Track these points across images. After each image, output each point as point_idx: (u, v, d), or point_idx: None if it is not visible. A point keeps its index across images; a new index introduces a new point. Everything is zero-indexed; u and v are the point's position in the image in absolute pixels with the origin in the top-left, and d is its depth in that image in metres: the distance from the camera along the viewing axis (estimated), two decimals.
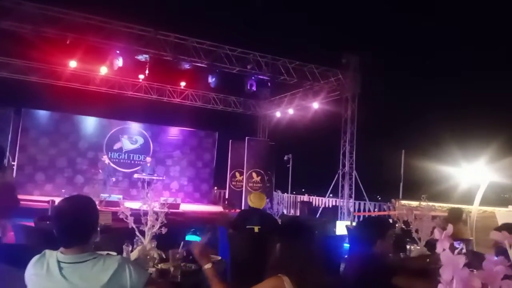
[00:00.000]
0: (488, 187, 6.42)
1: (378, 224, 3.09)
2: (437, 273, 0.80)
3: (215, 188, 17.24)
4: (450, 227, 0.84)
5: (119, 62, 10.82)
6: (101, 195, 11.56)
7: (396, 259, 3.41)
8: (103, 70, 12.34)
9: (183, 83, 14.72)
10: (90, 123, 15.25)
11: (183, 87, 15.16)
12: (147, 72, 12.25)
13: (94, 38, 10.46)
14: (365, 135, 13.96)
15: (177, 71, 12.01)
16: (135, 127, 15.89)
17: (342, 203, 12.86)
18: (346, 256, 4.24)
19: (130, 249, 2.82)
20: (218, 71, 11.92)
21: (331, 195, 13.64)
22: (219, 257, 3.29)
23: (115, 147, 15.27)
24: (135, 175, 13.88)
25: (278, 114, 16.08)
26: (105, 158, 13.65)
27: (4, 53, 12.70)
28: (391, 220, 5.90)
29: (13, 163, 13.56)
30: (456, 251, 0.78)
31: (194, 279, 2.40)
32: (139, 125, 15.97)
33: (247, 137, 14.96)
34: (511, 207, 6.53)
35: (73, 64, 12.02)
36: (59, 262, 1.85)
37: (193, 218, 10.43)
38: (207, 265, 2.21)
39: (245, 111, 17.14)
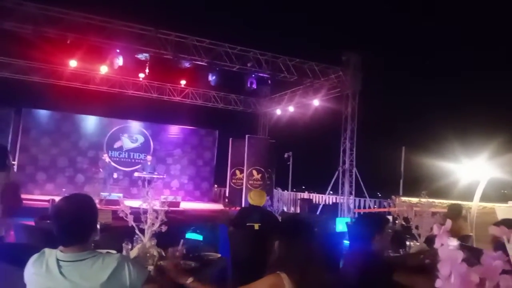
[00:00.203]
0: (488, 183, 6.42)
1: (375, 219, 3.10)
2: (436, 268, 0.79)
3: (216, 186, 17.25)
4: (448, 223, 0.84)
5: (119, 61, 10.83)
6: (101, 193, 11.57)
7: (396, 256, 3.41)
8: (104, 69, 12.34)
9: (183, 82, 14.72)
10: (90, 122, 15.26)
11: (183, 86, 15.17)
12: (147, 70, 12.26)
13: (94, 37, 10.47)
14: (366, 132, 13.96)
15: (177, 69, 12.01)
16: (136, 126, 15.90)
17: (342, 200, 12.87)
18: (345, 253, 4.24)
19: (130, 247, 2.82)
20: (218, 69, 11.91)
21: (331, 192, 13.64)
22: (219, 255, 3.30)
23: (116, 146, 15.28)
24: (136, 174, 13.88)
25: (278, 111, 16.07)
26: (106, 156, 13.66)
27: (5, 53, 12.73)
28: (391, 216, 5.90)
29: (13, 162, 13.56)
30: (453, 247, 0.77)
31: (194, 276, 2.40)
32: (139, 124, 15.98)
33: (247, 135, 14.97)
34: (511, 203, 6.53)
35: (73, 63, 12.04)
36: (58, 260, 1.85)
37: (194, 216, 10.44)
38: (189, 280, 2.22)
39: (245, 109, 17.13)
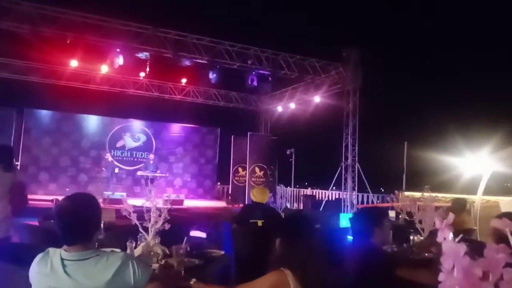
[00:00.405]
0: (491, 176, 6.40)
1: (373, 213, 3.11)
2: (438, 262, 0.79)
3: (218, 183, 17.27)
4: (451, 216, 0.84)
5: (120, 60, 10.83)
6: (105, 193, 11.60)
7: (398, 251, 3.42)
8: (104, 68, 12.34)
9: (184, 80, 14.73)
10: (92, 122, 15.28)
11: (184, 84, 15.18)
12: (148, 69, 12.26)
13: (93, 37, 10.46)
14: (367, 128, 13.94)
15: (177, 68, 12.01)
16: (138, 125, 15.91)
17: (345, 195, 12.87)
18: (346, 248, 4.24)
19: (133, 245, 2.83)
20: (218, 67, 11.90)
21: (334, 188, 13.65)
22: (222, 252, 3.30)
23: (118, 145, 15.31)
24: (139, 173, 13.91)
25: (279, 108, 16.06)
26: (108, 156, 13.69)
27: (3, 54, 12.72)
28: (394, 211, 5.90)
29: (16, 163, 13.60)
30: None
31: (197, 274, 2.41)
32: (141, 123, 15.99)
33: (249, 132, 14.96)
34: None
35: (73, 63, 12.04)
36: (62, 260, 1.85)
37: (197, 213, 10.46)
38: (192, 281, 2.23)
39: (246, 107, 17.13)
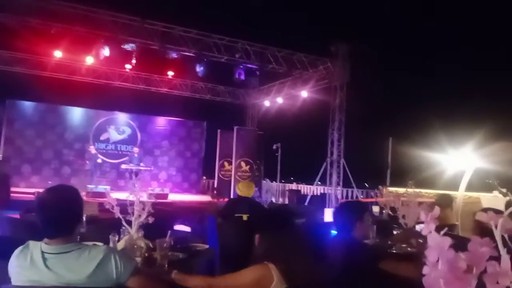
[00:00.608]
0: (473, 173, 6.50)
1: (354, 207, 3.12)
2: (423, 255, 0.79)
3: (204, 177, 17.22)
4: (436, 209, 0.83)
5: (105, 51, 10.69)
6: (88, 186, 11.49)
7: (380, 244, 3.45)
8: (89, 60, 12.15)
9: (170, 73, 14.57)
10: (76, 114, 15.08)
11: (170, 77, 15.03)
12: (134, 61, 12.09)
13: (79, 27, 10.29)
14: (353, 123, 14.02)
15: (164, 60, 11.90)
16: (123, 118, 15.75)
17: (330, 190, 12.95)
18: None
19: (116, 239, 2.80)
20: (206, 60, 11.83)
21: (320, 183, 13.72)
22: (207, 246, 3.29)
23: (102, 138, 15.14)
24: (123, 166, 13.78)
25: (267, 103, 16.06)
26: (92, 148, 13.53)
27: None
28: (378, 206, 5.95)
29: None
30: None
31: (181, 267, 2.39)
32: (126, 116, 15.83)
33: (235, 127, 14.92)
34: (495, 193, 6.62)
35: (58, 54, 11.80)
36: (43, 253, 1.83)
37: (182, 207, 10.43)
38: (173, 274, 2.21)
39: (233, 101, 17.09)
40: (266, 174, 15.62)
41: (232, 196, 12.98)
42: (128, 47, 11.13)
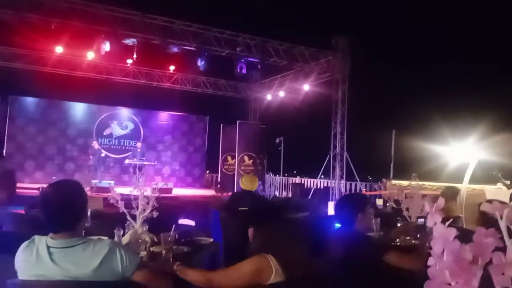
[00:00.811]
0: (477, 165, 6.47)
1: (355, 200, 3.12)
2: (427, 247, 0.79)
3: (207, 172, 17.24)
4: (441, 200, 0.83)
5: (106, 46, 10.67)
6: (92, 181, 11.52)
7: (383, 237, 3.45)
8: (90, 55, 12.12)
9: (172, 67, 14.55)
10: (78, 109, 15.10)
11: (172, 71, 15.01)
12: (135, 56, 12.07)
13: (79, 22, 10.27)
14: (356, 116, 13.99)
15: (165, 55, 11.86)
16: (125, 113, 15.76)
17: (333, 184, 12.95)
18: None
19: (121, 233, 2.81)
20: (207, 54, 11.79)
21: (323, 177, 13.72)
22: (211, 239, 3.30)
23: (105, 133, 15.15)
24: (127, 161, 13.81)
25: (269, 97, 16.02)
26: (95, 144, 13.56)
27: None
28: (382, 199, 5.96)
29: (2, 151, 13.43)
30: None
31: (186, 261, 2.40)
32: (128, 111, 15.83)
33: (238, 121, 14.93)
34: (499, 185, 6.60)
35: (59, 49, 11.80)
36: (48, 247, 1.83)
37: (186, 202, 10.45)
38: (175, 266, 2.21)
39: (235, 95, 17.05)
40: (269, 168, 15.62)
41: (235, 190, 13.00)
42: (129, 41, 11.11)
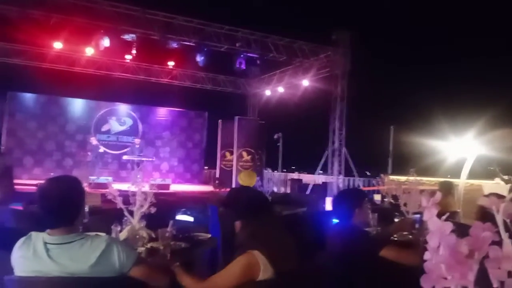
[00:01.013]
0: (475, 160, 6.49)
1: (352, 194, 3.13)
2: (423, 241, 0.79)
3: (206, 168, 17.25)
4: (438, 195, 0.83)
5: (105, 42, 10.63)
6: (90, 177, 11.52)
7: (381, 232, 3.45)
8: (89, 51, 12.08)
9: (171, 63, 14.49)
10: (77, 105, 15.07)
11: (171, 67, 14.95)
12: (134, 52, 12.03)
13: (78, 18, 10.22)
14: (355, 112, 14.00)
15: (165, 50, 11.82)
16: (124, 109, 15.73)
17: (332, 179, 12.96)
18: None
19: (119, 229, 2.81)
20: (206, 49, 11.76)
21: (321, 172, 13.73)
22: (209, 235, 3.30)
23: (104, 129, 15.13)
24: (124, 157, 13.80)
25: (267, 92, 16.00)
26: (93, 140, 13.55)
27: None
28: (380, 195, 5.96)
29: (1, 147, 13.41)
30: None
31: (184, 257, 2.40)
32: (127, 107, 15.81)
33: (237, 116, 14.90)
34: (497, 180, 6.62)
35: (58, 45, 11.74)
36: (45, 243, 1.83)
37: (184, 197, 10.46)
38: (174, 266, 2.19)
39: (234, 90, 17.03)
40: (267, 163, 15.63)
41: (234, 186, 13.00)
42: (128, 37, 11.07)
